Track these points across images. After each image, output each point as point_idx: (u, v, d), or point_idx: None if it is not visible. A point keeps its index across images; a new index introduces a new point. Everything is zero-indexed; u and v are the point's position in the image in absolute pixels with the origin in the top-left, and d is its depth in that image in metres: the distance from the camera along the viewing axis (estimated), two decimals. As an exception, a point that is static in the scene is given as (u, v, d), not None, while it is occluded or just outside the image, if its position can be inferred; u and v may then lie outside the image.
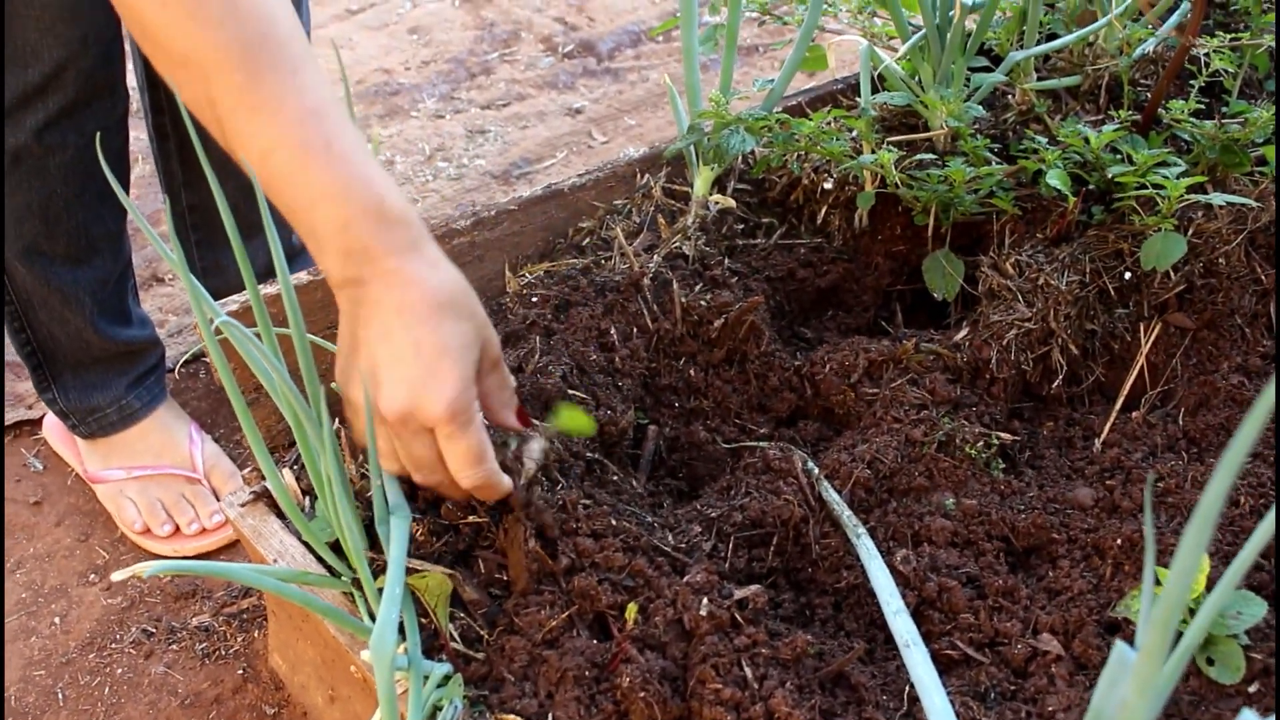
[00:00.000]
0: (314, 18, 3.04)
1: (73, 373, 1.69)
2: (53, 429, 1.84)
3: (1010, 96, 1.73)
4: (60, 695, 1.50)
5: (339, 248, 0.99)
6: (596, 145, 2.49)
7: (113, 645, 1.57)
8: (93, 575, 1.68)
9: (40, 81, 1.42)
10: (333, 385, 1.21)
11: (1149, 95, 1.64)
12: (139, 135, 2.49)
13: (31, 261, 1.56)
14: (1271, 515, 0.64)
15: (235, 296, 1.42)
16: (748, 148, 1.47)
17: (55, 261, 1.57)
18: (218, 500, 1.74)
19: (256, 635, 1.56)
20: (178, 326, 2.09)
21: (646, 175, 1.61)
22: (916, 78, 1.65)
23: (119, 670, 1.53)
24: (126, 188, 1.66)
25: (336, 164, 0.98)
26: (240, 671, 1.52)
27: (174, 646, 1.56)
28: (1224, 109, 1.62)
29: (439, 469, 1.05)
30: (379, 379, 1.01)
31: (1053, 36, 1.76)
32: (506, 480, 1.08)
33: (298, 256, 1.93)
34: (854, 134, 1.58)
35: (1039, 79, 1.72)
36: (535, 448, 1.14)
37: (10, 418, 1.90)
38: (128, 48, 1.67)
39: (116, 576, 0.95)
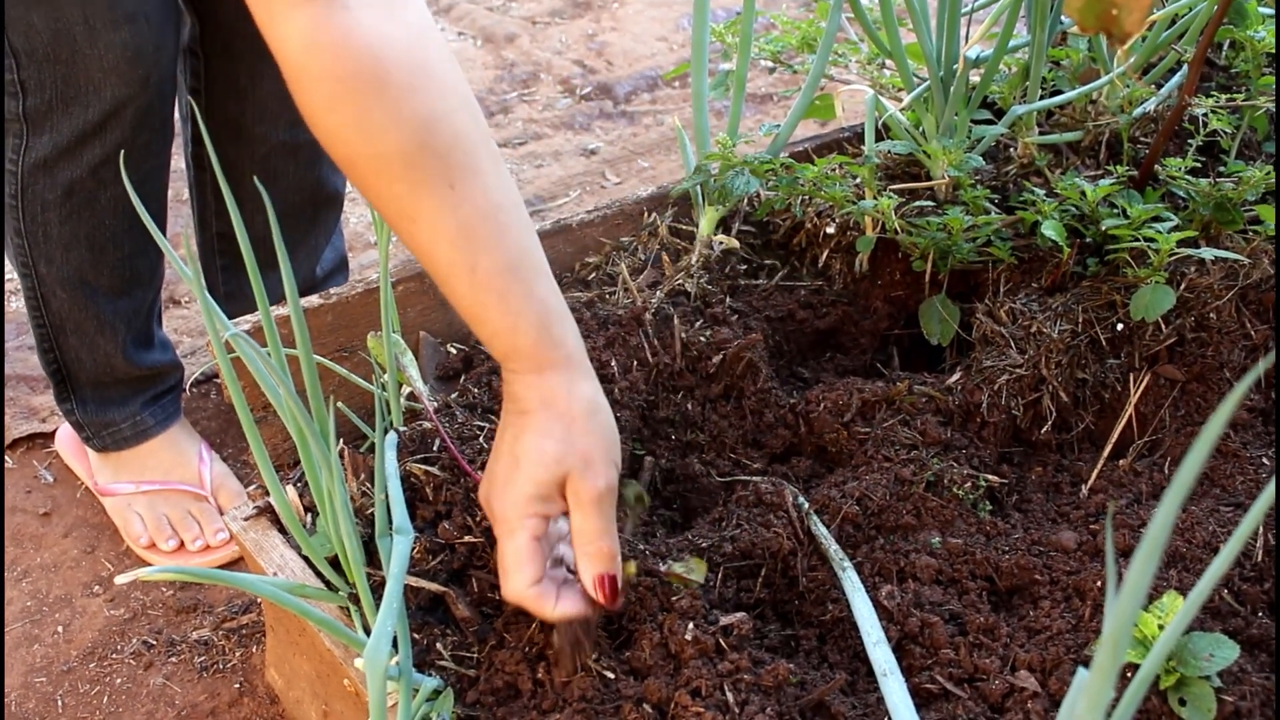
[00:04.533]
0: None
1: (93, 389, 1.73)
2: (65, 442, 1.88)
3: (1012, 149, 1.77)
4: (60, 703, 1.53)
5: (505, 369, 1.05)
6: (609, 185, 2.54)
7: (113, 656, 1.59)
8: (97, 586, 1.71)
9: (99, 120, 1.47)
10: (339, 404, 1.25)
11: (1148, 152, 1.68)
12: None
13: (75, 289, 1.61)
14: (1223, 552, 0.67)
15: (247, 317, 1.46)
16: (752, 189, 1.51)
17: (99, 292, 1.63)
18: (223, 518, 1.78)
19: (254, 650, 1.59)
20: (191, 348, 2.13)
21: (653, 214, 1.65)
22: (920, 128, 1.69)
23: (118, 680, 1.56)
24: (165, 219, 1.71)
25: (479, 291, 1.02)
26: (237, 685, 1.54)
27: (173, 659, 1.58)
28: (1221, 168, 1.66)
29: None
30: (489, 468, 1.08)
31: (1056, 92, 1.80)
32: (547, 606, 1.04)
33: (327, 280, 1.98)
34: (857, 180, 1.62)
35: (1041, 133, 1.76)
36: None
37: (23, 429, 1.94)
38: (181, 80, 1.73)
39: (120, 580, 0.98)
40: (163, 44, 1.47)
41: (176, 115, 1.79)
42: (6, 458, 1.91)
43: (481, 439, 1.28)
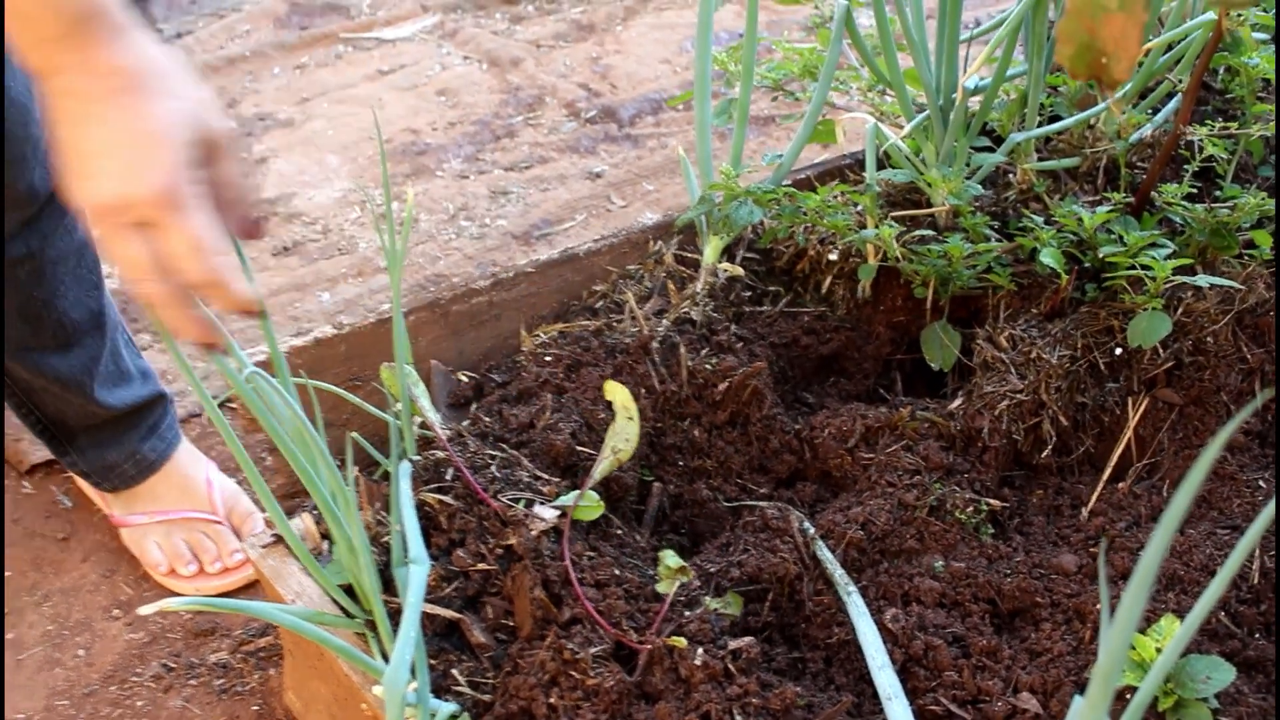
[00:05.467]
0: (346, 77, 3.15)
1: (85, 436, 1.74)
2: None
3: (1011, 175, 1.80)
4: (81, 726, 1.56)
5: (36, 37, 0.92)
6: (615, 209, 2.57)
7: (134, 679, 1.62)
8: (116, 610, 1.74)
9: None
10: (351, 434, 1.28)
11: (1145, 178, 1.71)
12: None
13: (24, 359, 1.61)
14: (1218, 577, 0.70)
15: (259, 349, 1.49)
16: (755, 219, 1.55)
17: (46, 353, 1.62)
18: (238, 538, 1.80)
19: (272, 673, 1.62)
20: (205, 372, 2.17)
21: (659, 242, 1.68)
22: (920, 155, 1.72)
23: (139, 703, 1.59)
24: (95, 260, 1.67)
25: None
26: (255, 708, 1.57)
27: (192, 682, 1.61)
28: (1217, 192, 1.69)
29: (160, 272, 0.95)
30: (85, 173, 0.93)
31: (1055, 118, 1.83)
32: (241, 282, 0.96)
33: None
34: (859, 208, 1.65)
35: (1039, 159, 1.79)
36: (548, 511, 1.21)
37: (41, 455, 1.97)
38: None
39: (143, 611, 1.01)
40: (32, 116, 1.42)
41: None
42: (24, 483, 1.95)
43: (494, 468, 1.31)
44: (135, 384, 1.76)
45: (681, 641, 1.13)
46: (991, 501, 1.39)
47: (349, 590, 1.24)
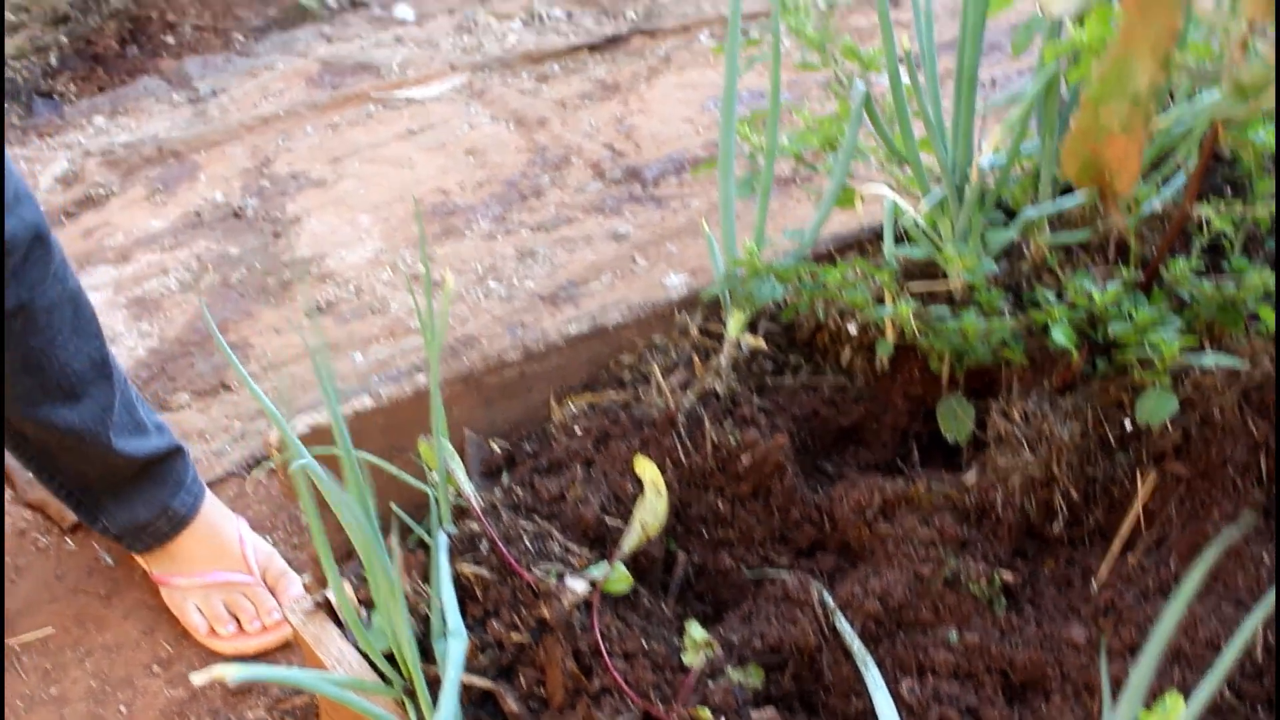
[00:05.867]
0: (377, 136, 3.23)
1: (112, 497, 1.79)
2: None
3: (1025, 248, 1.86)
4: (125, 782, 1.62)
5: None
6: (639, 270, 2.64)
7: (175, 736, 1.69)
8: (157, 667, 1.80)
9: None
10: (393, 505, 1.34)
11: (1154, 255, 1.77)
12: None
13: (35, 413, 1.65)
14: (1223, 657, 0.75)
15: (304, 418, 1.56)
16: (778, 296, 1.61)
17: (55, 405, 1.66)
18: (274, 596, 1.87)
19: (308, 732, 1.68)
20: (242, 432, 2.23)
21: (684, 314, 1.75)
22: (937, 228, 1.78)
23: (180, 760, 1.65)
24: (90, 310, 1.72)
25: None
26: (292, 766, 1.63)
27: (232, 740, 1.67)
28: (1225, 265, 1.74)
29: None
30: None
31: (1067, 190, 1.89)
32: None
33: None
34: (878, 281, 1.71)
35: (1052, 232, 1.85)
36: (579, 584, 1.27)
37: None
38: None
39: (195, 680, 1.07)
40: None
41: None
42: (68, 540, 2.01)
43: (526, 540, 1.37)
44: (152, 436, 1.80)
45: (707, 714, 1.18)
46: (1005, 574, 1.44)
47: (389, 657, 1.30)
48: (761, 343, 1.68)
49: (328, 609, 1.40)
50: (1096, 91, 0.95)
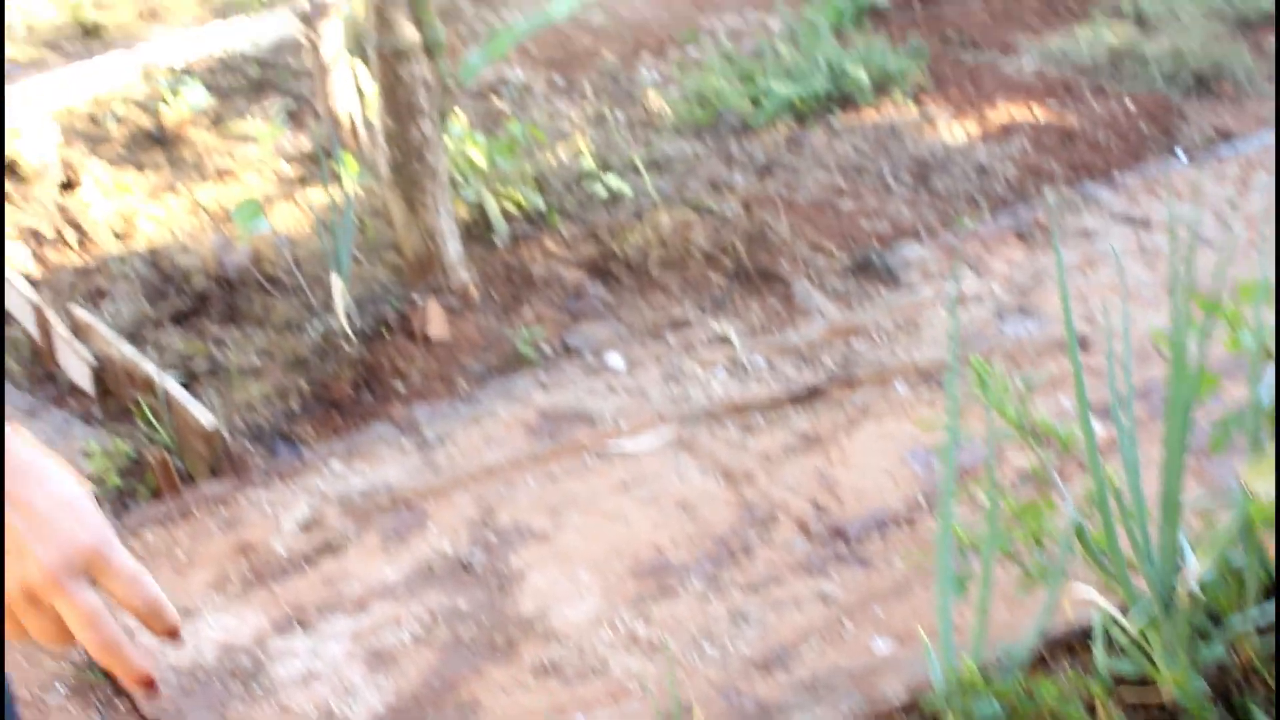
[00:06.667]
0: (593, 487, 3.47)
1: None
2: None
3: (1233, 652, 1.91)
4: None
5: None
6: (847, 635, 2.74)
7: None
8: None
9: None
10: None
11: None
12: None
13: None
14: None
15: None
16: (997, 715, 1.71)
17: None
18: None
19: None
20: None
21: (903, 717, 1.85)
22: (1145, 635, 1.86)
23: None
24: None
25: None
26: None
27: None
28: None
29: (105, 617, 1.00)
30: (18, 551, 0.98)
31: (1272, 594, 1.95)
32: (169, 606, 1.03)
33: None
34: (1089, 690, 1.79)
35: (1259, 635, 1.90)
36: None
37: None
38: None
39: None
40: None
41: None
42: None
43: None
44: None
45: None
46: None
47: None
48: (980, 754, 1.76)
49: None
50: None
